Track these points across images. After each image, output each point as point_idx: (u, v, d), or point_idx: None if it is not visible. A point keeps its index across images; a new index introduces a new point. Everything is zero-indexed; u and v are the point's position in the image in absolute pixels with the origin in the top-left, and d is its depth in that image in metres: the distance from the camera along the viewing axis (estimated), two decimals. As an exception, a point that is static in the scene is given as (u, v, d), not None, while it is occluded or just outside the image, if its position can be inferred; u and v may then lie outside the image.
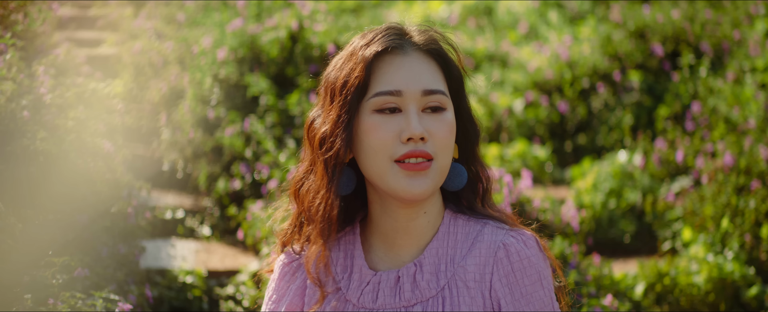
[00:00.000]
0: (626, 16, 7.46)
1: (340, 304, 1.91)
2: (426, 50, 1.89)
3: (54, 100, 3.30)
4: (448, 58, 1.91)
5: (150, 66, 6.28)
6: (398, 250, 1.93)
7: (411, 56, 1.88)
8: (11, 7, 3.84)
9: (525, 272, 1.84)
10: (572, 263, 4.38)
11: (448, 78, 1.90)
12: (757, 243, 4.71)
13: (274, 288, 2.00)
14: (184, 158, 5.50)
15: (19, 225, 2.77)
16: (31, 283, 2.74)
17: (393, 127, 1.84)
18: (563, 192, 5.81)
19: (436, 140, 1.85)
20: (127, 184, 3.71)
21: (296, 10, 5.98)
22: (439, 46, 1.91)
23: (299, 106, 5.41)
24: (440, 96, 1.86)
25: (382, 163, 1.85)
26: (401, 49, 1.88)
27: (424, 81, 1.86)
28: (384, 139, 1.84)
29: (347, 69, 1.89)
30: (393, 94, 1.85)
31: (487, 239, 1.88)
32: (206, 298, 4.33)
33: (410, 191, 1.84)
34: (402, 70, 1.87)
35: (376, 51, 1.86)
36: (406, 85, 1.85)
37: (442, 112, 1.86)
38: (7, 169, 3.01)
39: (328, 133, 1.88)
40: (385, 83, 1.86)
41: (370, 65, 1.86)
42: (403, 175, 1.84)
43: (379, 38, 1.88)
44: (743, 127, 5.64)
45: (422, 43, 1.90)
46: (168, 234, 5.05)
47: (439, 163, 1.85)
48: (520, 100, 6.89)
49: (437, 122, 1.85)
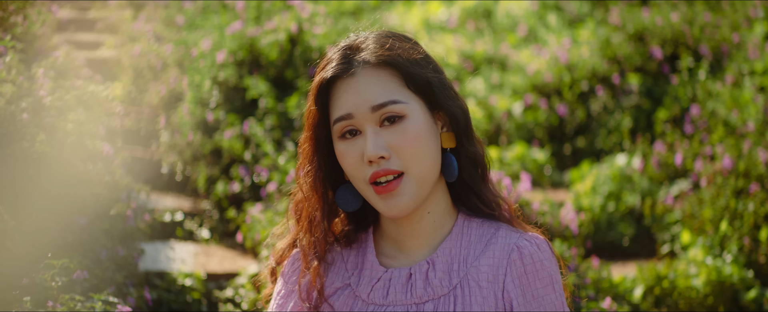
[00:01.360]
0: (625, 19, 7.46)
1: (349, 299, 1.92)
2: (374, 63, 1.87)
3: (53, 103, 3.30)
4: (401, 61, 1.88)
5: (149, 69, 6.28)
6: (408, 251, 1.94)
7: (358, 75, 1.87)
8: (10, 9, 3.84)
9: (537, 275, 1.85)
10: (571, 266, 4.38)
11: (408, 80, 1.88)
12: (755, 246, 4.72)
13: (283, 283, 2.01)
14: (183, 161, 5.50)
15: (18, 227, 2.78)
16: (30, 285, 2.74)
17: (356, 150, 1.86)
18: (562, 195, 5.81)
19: (402, 152, 1.84)
20: (126, 186, 3.71)
21: (295, 13, 5.99)
22: (391, 52, 1.88)
23: (298, 108, 5.41)
24: (392, 106, 1.85)
25: (362, 186, 1.88)
26: (347, 71, 1.88)
27: (371, 97, 1.85)
28: (352, 165, 1.87)
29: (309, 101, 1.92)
30: (345, 118, 1.86)
31: (502, 241, 1.89)
32: (205, 300, 4.33)
33: (389, 212, 1.86)
34: (349, 93, 1.87)
35: (323, 79, 1.89)
36: (355, 106, 1.85)
37: (400, 121, 1.85)
38: (7, 171, 3.01)
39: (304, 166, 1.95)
40: (338, 108, 1.87)
41: (324, 94, 1.89)
42: (378, 198, 1.86)
43: (330, 64, 1.90)
44: (742, 130, 5.65)
45: (369, 56, 1.88)
46: (167, 236, 5.05)
47: (413, 175, 1.85)
48: (519, 103, 6.90)
49: (398, 134, 1.84)
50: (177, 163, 5.52)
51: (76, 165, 3.31)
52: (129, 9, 7.46)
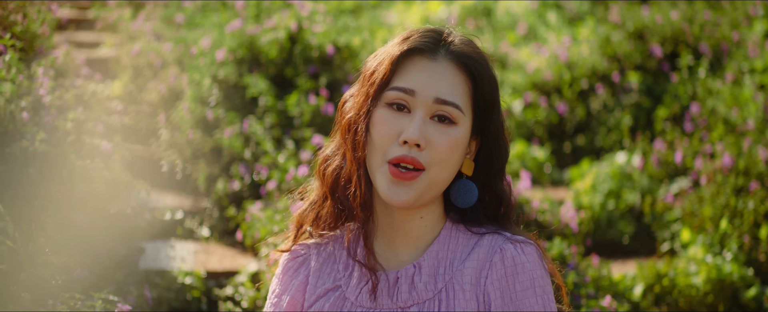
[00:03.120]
0: (625, 17, 7.46)
1: (338, 301, 1.93)
2: (458, 61, 1.88)
3: (53, 102, 3.31)
4: (481, 76, 1.88)
5: (149, 67, 6.28)
6: (397, 250, 1.94)
7: (439, 62, 1.87)
8: (10, 8, 3.84)
9: (517, 277, 1.84)
10: (571, 264, 4.38)
11: (476, 95, 1.88)
12: (755, 244, 4.72)
13: (278, 282, 2.02)
14: (183, 159, 5.50)
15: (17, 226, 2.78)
16: (29, 283, 2.74)
17: (396, 125, 1.85)
18: (562, 193, 5.81)
19: (434, 151, 1.84)
20: (126, 184, 3.71)
21: (295, 11, 5.99)
22: (475, 61, 1.88)
23: (298, 107, 5.41)
24: (452, 108, 1.84)
25: (378, 160, 1.86)
26: (431, 53, 1.87)
27: (441, 89, 1.85)
28: (384, 135, 1.85)
29: (378, 60, 1.90)
30: (405, 92, 1.85)
31: (487, 244, 1.89)
32: (205, 299, 4.33)
33: (390, 198, 1.85)
34: (423, 72, 1.86)
35: (405, 49, 1.87)
36: (421, 86, 1.85)
37: (450, 124, 1.85)
38: (7, 170, 3.01)
39: (353, 120, 1.90)
40: (403, 80, 1.86)
41: (398, 61, 1.87)
42: (388, 179, 1.84)
43: (415, 38, 1.89)
44: (742, 128, 5.64)
45: (457, 52, 1.88)
46: (167, 235, 5.05)
47: (430, 176, 1.85)
48: (519, 101, 6.90)
49: (440, 134, 1.84)
50: (177, 161, 5.52)
51: (76, 163, 3.31)
52: (128, 8, 7.45)
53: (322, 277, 1.97)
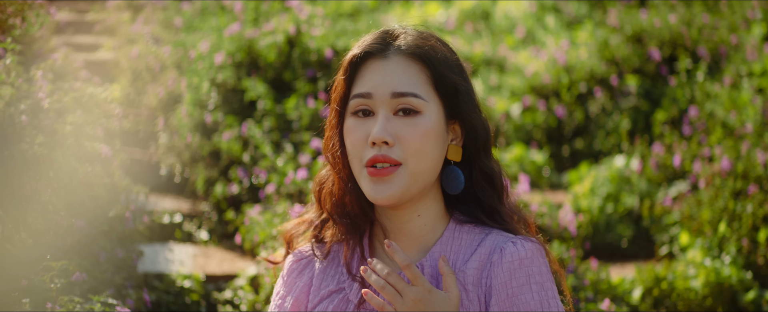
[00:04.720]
0: (623, 21, 7.47)
1: (342, 303, 1.93)
2: (409, 53, 1.89)
3: (52, 105, 3.30)
4: (435, 60, 1.89)
5: (147, 70, 6.28)
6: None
7: (390, 59, 1.89)
8: (9, 11, 3.84)
9: (513, 273, 1.85)
10: (570, 268, 4.38)
11: (436, 80, 1.89)
12: (754, 247, 4.72)
13: (282, 284, 2.03)
14: (181, 162, 5.50)
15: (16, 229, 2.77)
16: (29, 287, 2.74)
17: (364, 130, 1.87)
18: (561, 196, 5.82)
19: (406, 144, 1.85)
20: (125, 188, 3.71)
21: (294, 15, 5.99)
22: (427, 48, 1.89)
23: (297, 110, 5.41)
24: (412, 98, 1.86)
25: (357, 167, 1.89)
26: (381, 53, 1.89)
27: (395, 83, 1.86)
28: (355, 142, 1.88)
29: (339, 73, 1.94)
30: (364, 96, 1.87)
31: (489, 244, 1.89)
32: (204, 302, 4.33)
33: (375, 197, 1.86)
34: (376, 73, 1.88)
35: (356, 54, 1.91)
36: (375, 87, 1.87)
37: (414, 115, 1.86)
38: (5, 173, 3.01)
39: (328, 137, 1.96)
40: (360, 86, 1.89)
41: (353, 69, 1.91)
42: (369, 180, 1.87)
43: (366, 42, 1.92)
44: (740, 131, 5.65)
45: (406, 45, 1.89)
46: (166, 238, 5.05)
47: (410, 169, 1.85)
48: (518, 105, 6.90)
49: (408, 126, 1.85)
50: (176, 165, 5.52)
51: (75, 167, 3.31)
52: (127, 11, 7.45)
53: (326, 279, 1.97)
